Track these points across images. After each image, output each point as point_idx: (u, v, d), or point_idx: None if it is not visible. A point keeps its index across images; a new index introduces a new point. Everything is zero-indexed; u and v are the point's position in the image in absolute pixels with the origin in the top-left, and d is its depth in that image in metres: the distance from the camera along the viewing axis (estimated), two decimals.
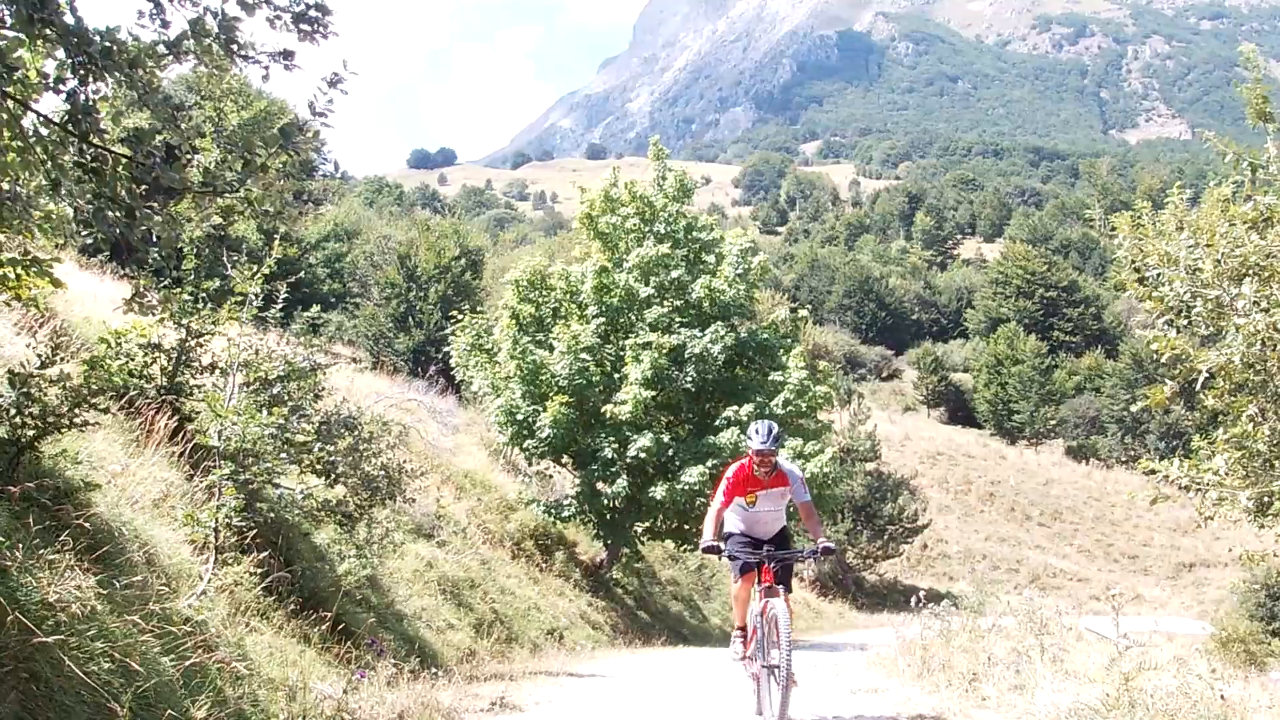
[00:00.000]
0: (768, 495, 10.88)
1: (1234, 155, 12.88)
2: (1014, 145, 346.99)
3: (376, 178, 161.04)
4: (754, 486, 10.81)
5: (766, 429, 10.63)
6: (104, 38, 5.33)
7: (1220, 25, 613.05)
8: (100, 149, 5.48)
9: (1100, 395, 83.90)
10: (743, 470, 10.80)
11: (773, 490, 10.85)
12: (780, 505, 11.09)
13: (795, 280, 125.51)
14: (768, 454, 10.57)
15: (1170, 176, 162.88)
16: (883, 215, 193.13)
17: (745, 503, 10.90)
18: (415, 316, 43.37)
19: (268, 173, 6.11)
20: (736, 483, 10.80)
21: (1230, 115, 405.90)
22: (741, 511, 10.99)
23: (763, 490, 10.81)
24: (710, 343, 21.44)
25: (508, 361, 21.63)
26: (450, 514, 18.91)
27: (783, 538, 11.20)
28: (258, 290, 10.21)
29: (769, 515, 11.05)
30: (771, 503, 10.97)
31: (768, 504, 10.95)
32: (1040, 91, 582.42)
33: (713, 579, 32.58)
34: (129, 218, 5.59)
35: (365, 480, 10.87)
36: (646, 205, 23.07)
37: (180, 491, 9.18)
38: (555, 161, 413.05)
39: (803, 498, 10.98)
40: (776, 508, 11.07)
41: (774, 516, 11.11)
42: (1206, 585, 54.14)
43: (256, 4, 5.64)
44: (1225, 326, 12.15)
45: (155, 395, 9.88)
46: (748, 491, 10.86)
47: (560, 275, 23.17)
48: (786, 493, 10.98)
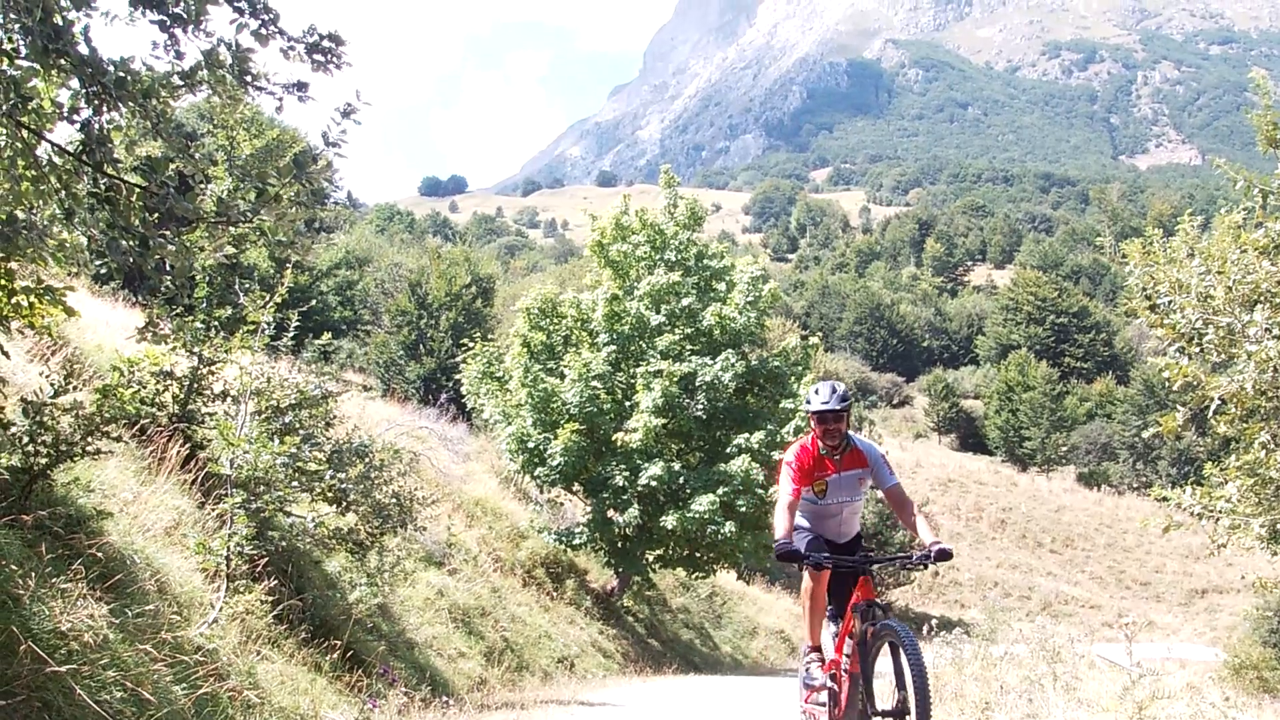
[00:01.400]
0: (841, 482, 8.87)
1: (1245, 182, 12.89)
2: (1024, 171, 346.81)
3: (388, 205, 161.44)
4: (822, 471, 8.81)
5: (830, 387, 8.75)
6: (118, 68, 5.35)
7: (1230, 50, 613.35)
8: (114, 179, 5.50)
9: (1111, 421, 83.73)
10: (806, 452, 8.82)
11: (847, 475, 8.84)
12: (858, 496, 9.06)
13: (806, 307, 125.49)
14: (834, 420, 8.64)
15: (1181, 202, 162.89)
16: (893, 242, 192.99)
17: (813, 494, 8.88)
18: (426, 344, 43.45)
19: (280, 202, 6.13)
20: (800, 470, 8.74)
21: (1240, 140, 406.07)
22: (810, 507, 9.05)
23: (834, 475, 8.82)
24: (721, 370, 21.43)
25: (519, 389, 21.63)
26: (461, 542, 18.89)
27: (857, 543, 9.35)
28: (269, 319, 10.23)
29: (844, 510, 9.08)
30: (847, 492, 8.93)
31: (842, 494, 8.93)
32: (1050, 117, 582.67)
33: (723, 606, 32.52)
34: (142, 247, 5.61)
35: (376, 508, 10.86)
36: (657, 233, 23.09)
37: (192, 519, 9.18)
38: (566, 189, 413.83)
39: (890, 481, 8.85)
40: (853, 498, 9.04)
41: (851, 511, 9.14)
42: (1219, 612, 53.93)
43: (270, 35, 5.67)
44: (1237, 353, 12.14)
45: (167, 423, 9.88)
46: (815, 479, 8.82)
47: (571, 303, 23.18)
48: (866, 476, 8.90)
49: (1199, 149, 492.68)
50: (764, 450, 21.19)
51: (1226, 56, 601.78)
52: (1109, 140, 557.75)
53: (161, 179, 5.60)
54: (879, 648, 7.98)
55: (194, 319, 9.72)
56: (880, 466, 8.94)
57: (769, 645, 32.83)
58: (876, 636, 7.99)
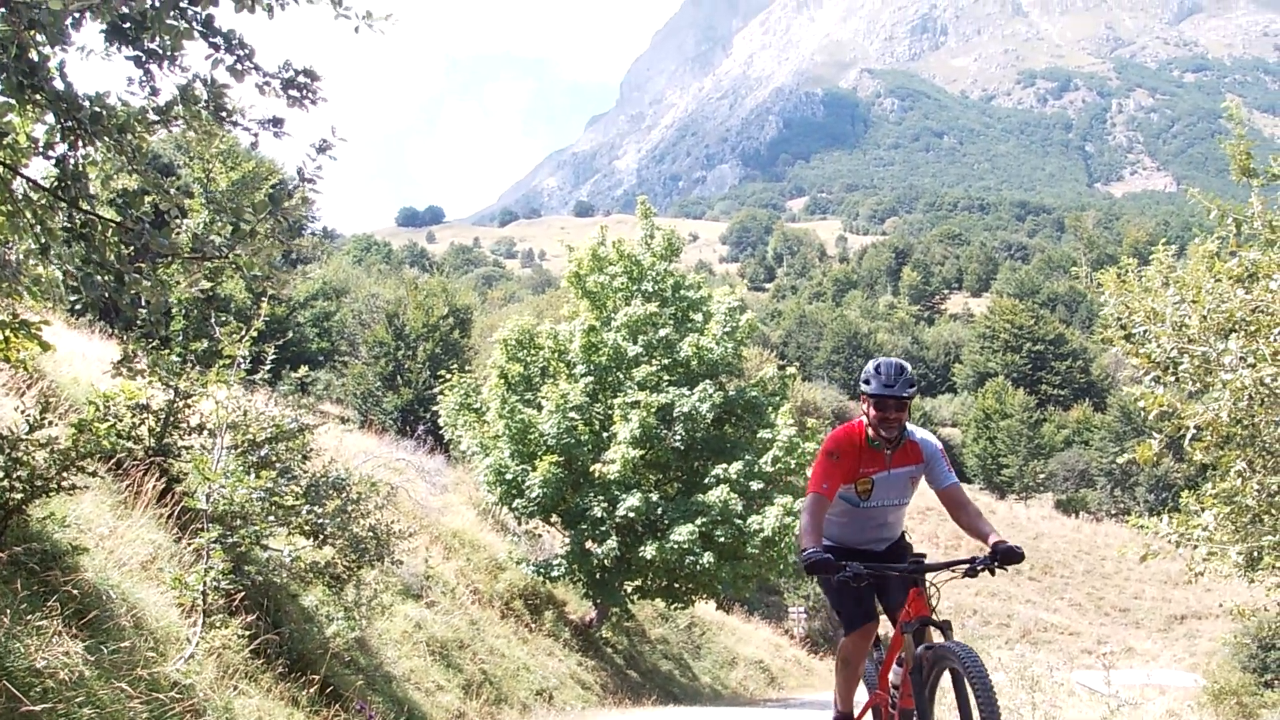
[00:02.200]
0: (890, 482, 7.62)
1: (1219, 211, 12.96)
2: (1000, 200, 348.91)
3: (365, 236, 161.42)
4: (870, 466, 7.54)
5: (895, 366, 7.43)
6: (94, 103, 5.36)
7: (1203, 78, 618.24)
8: (89, 214, 5.50)
9: (1089, 448, 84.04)
10: (850, 439, 7.59)
11: (898, 472, 7.62)
12: (907, 497, 7.82)
13: (783, 336, 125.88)
14: (897, 409, 7.37)
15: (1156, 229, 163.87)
16: (870, 271, 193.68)
17: (855, 494, 7.60)
18: (403, 375, 43.39)
19: (256, 238, 6.14)
20: (842, 463, 7.48)
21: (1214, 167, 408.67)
22: (847, 509, 7.74)
23: (883, 473, 7.57)
24: (699, 401, 21.43)
25: (496, 421, 21.61)
26: (439, 574, 18.83)
27: (901, 549, 8.08)
28: (245, 353, 10.22)
29: (890, 514, 7.88)
30: (896, 492, 7.70)
31: (889, 495, 7.69)
32: (1025, 146, 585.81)
33: (702, 637, 32.46)
34: (118, 282, 5.60)
35: (354, 541, 10.82)
36: (634, 264, 23.12)
37: (168, 553, 9.14)
38: (543, 219, 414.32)
39: (947, 480, 7.64)
40: (901, 500, 7.82)
41: (897, 516, 7.96)
42: (1198, 637, 54.07)
43: (246, 70, 5.68)
44: (1212, 382, 12.18)
45: (143, 456, 9.84)
46: (859, 475, 7.54)
47: (548, 334, 23.18)
48: (919, 475, 7.74)
49: (1174, 176, 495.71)
50: (742, 481, 21.20)
51: (1200, 84, 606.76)
52: (1084, 168, 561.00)
53: (137, 214, 5.60)
54: (937, 676, 6.99)
55: (170, 352, 9.69)
56: (938, 463, 7.70)
57: (748, 675, 32.78)
58: (935, 662, 6.89)
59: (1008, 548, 7.04)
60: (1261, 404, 11.83)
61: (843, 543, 7.90)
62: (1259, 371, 11.41)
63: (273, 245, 6.21)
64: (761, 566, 21.64)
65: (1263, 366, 11.39)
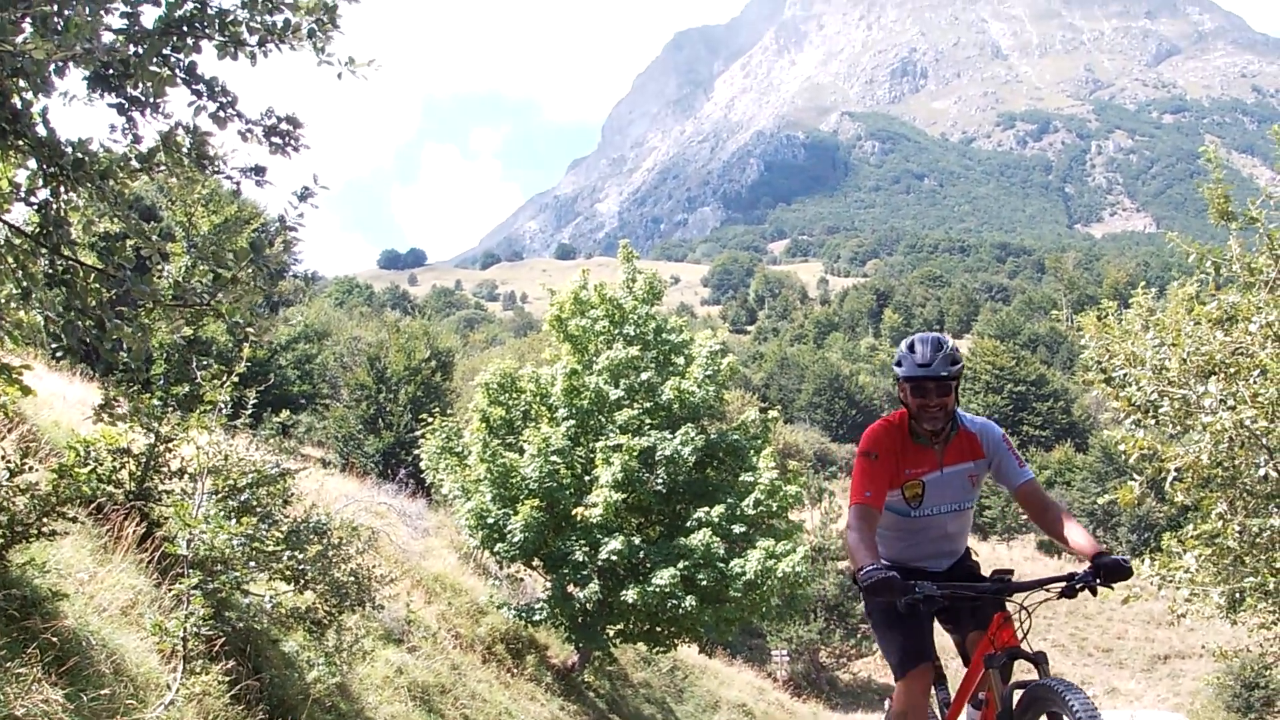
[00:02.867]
0: (945, 482, 6.47)
1: (1198, 255, 13.06)
2: (980, 241, 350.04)
3: (347, 278, 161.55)
4: (917, 466, 6.40)
5: (933, 341, 6.39)
6: (76, 149, 5.38)
7: (1182, 119, 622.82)
8: (70, 260, 5.51)
9: (1071, 489, 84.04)
10: (890, 434, 6.47)
11: (954, 470, 6.47)
12: (969, 500, 6.64)
13: (765, 379, 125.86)
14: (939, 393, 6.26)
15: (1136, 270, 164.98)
16: (851, 313, 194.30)
17: (904, 501, 6.45)
18: (385, 418, 43.31)
19: (237, 284, 6.16)
20: (884, 464, 6.35)
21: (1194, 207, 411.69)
22: (896, 522, 6.56)
23: (933, 474, 6.43)
24: (681, 445, 21.41)
25: (478, 464, 21.56)
26: (421, 619, 18.76)
27: (968, 567, 6.88)
28: (226, 398, 10.21)
29: (951, 523, 6.65)
30: (953, 496, 6.53)
31: (946, 499, 6.51)
32: (1005, 187, 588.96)
33: (685, 680, 32.34)
34: (99, 328, 5.61)
35: (334, 587, 10.79)
36: (616, 308, 23.13)
37: (149, 598, 9.11)
38: (525, 262, 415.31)
39: (1022, 476, 6.53)
40: (962, 504, 6.63)
41: (959, 524, 6.72)
42: (1182, 677, 54.03)
43: (228, 117, 5.71)
44: (1192, 424, 12.25)
45: (123, 500, 9.82)
46: (906, 477, 6.40)
47: (530, 378, 23.16)
48: (981, 472, 6.58)
49: (1153, 216, 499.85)
50: (724, 524, 21.17)
51: (1179, 125, 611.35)
52: (1064, 209, 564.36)
53: (119, 260, 5.62)
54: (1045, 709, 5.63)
55: (151, 396, 9.68)
56: (1005, 455, 6.51)
57: (731, 719, 32.66)
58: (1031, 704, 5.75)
59: (1113, 561, 5.92)
60: (1241, 446, 11.90)
61: (897, 563, 6.47)
62: (1239, 414, 11.48)
63: (254, 292, 6.23)
64: (744, 609, 21.58)
65: (1242, 409, 11.47)
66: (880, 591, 5.67)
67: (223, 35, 5.78)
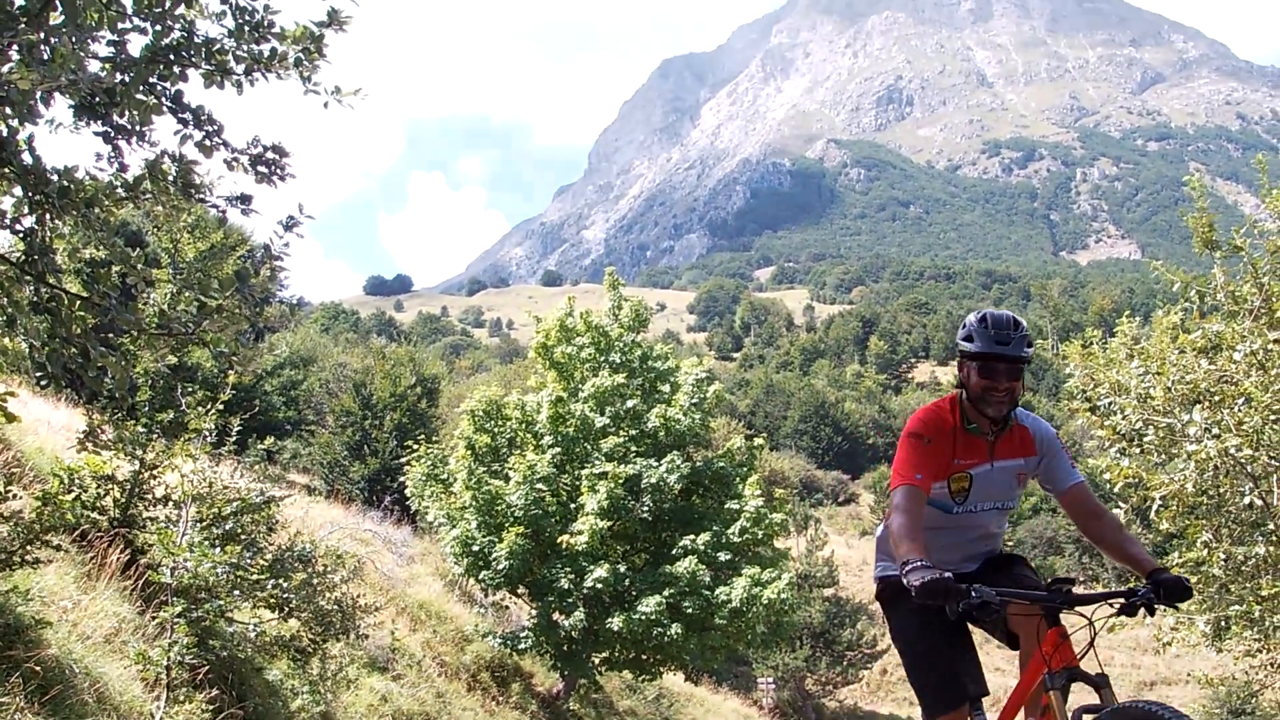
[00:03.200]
0: (993, 478, 5.95)
1: (1181, 284, 13.10)
2: (966, 268, 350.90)
3: (333, 304, 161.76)
4: (967, 457, 5.88)
5: (1007, 318, 5.82)
6: (62, 176, 5.37)
7: (1167, 146, 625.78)
8: (56, 289, 5.51)
9: (1057, 515, 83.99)
10: (942, 419, 5.95)
11: (1004, 465, 5.95)
12: (1013, 500, 6.10)
13: (751, 406, 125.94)
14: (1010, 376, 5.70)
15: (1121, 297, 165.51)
16: (837, 340, 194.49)
17: (949, 495, 5.92)
18: (371, 445, 43.21)
19: (222, 314, 6.15)
20: (935, 450, 5.80)
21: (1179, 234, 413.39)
22: (936, 517, 5.96)
23: (983, 465, 5.90)
24: (666, 472, 21.39)
25: (463, 492, 21.52)
26: (405, 646, 18.70)
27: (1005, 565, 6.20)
28: (211, 426, 10.19)
29: (994, 522, 6.17)
30: (999, 494, 6.01)
31: (991, 497, 6.00)
32: (991, 215, 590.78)
33: (671, 709, 32.26)
34: (83, 356, 5.60)
35: (319, 615, 10.76)
36: (602, 335, 23.13)
37: (132, 626, 9.07)
38: (511, 288, 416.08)
39: (1071, 478, 5.97)
40: (1006, 504, 6.11)
41: (1000, 525, 6.23)
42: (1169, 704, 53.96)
43: (215, 146, 5.71)
44: (1177, 453, 12.27)
45: (108, 527, 9.79)
46: (954, 468, 5.88)
47: (516, 405, 23.14)
48: (1030, 471, 6.05)
49: (1138, 243, 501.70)
50: (709, 551, 21.14)
51: (1164, 152, 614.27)
52: (1049, 236, 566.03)
53: (104, 289, 5.61)
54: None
55: (136, 423, 9.66)
56: (1058, 456, 6.00)
57: None
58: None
59: (1175, 579, 5.31)
60: (1226, 474, 11.92)
61: None
62: (1223, 442, 11.50)
63: (239, 320, 6.23)
64: (730, 637, 21.54)
65: (1227, 437, 11.49)
66: (933, 595, 4.90)
67: (209, 64, 5.78)
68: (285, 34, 5.84)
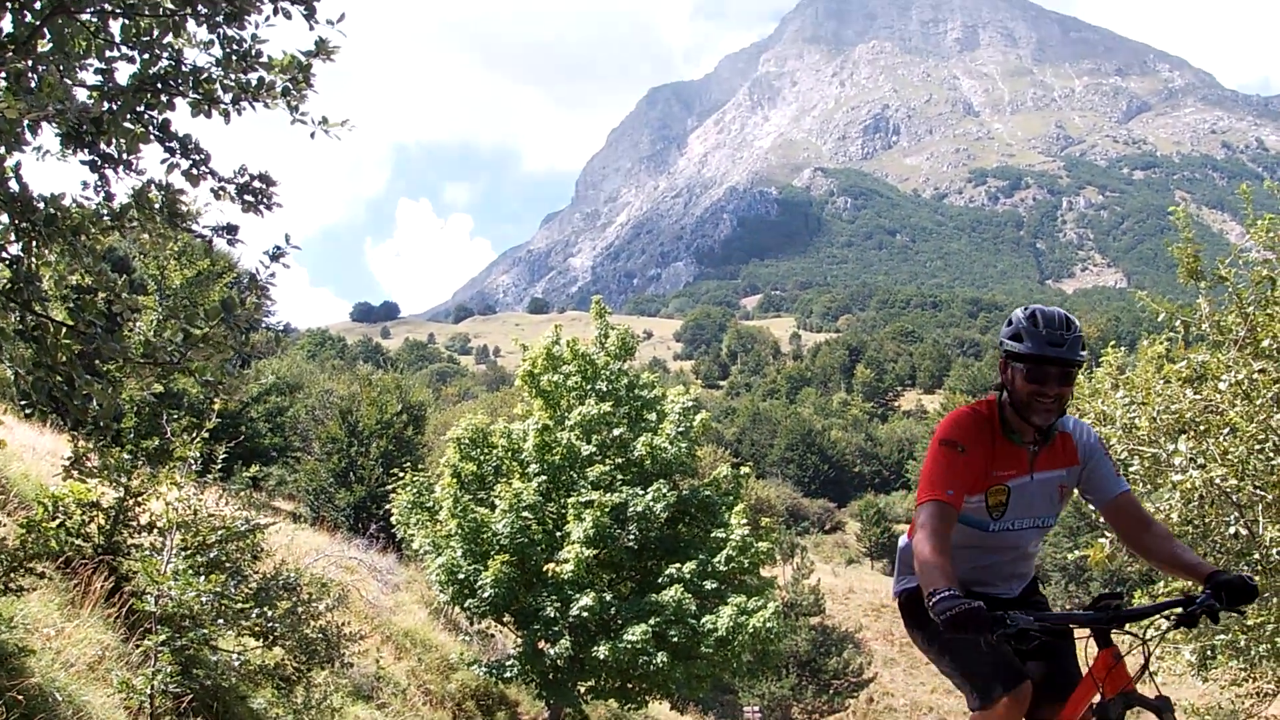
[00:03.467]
0: (1034, 490, 5.44)
1: (1166, 314, 13.15)
2: (952, 297, 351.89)
3: (319, 330, 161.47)
4: (1005, 468, 5.36)
5: (1060, 316, 5.26)
6: (48, 205, 5.37)
7: (1153, 175, 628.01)
8: (41, 317, 5.50)
9: (1044, 544, 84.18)
10: (978, 425, 5.39)
11: (1045, 477, 5.45)
12: (1053, 516, 5.62)
13: (737, 434, 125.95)
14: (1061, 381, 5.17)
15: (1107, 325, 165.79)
16: (823, 368, 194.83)
17: (985, 510, 5.40)
18: (356, 472, 43.09)
19: (208, 343, 6.15)
20: (971, 459, 5.24)
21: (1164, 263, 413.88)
22: (969, 536, 5.44)
23: (1022, 478, 5.39)
24: (652, 501, 21.36)
25: (449, 519, 21.48)
26: (390, 675, 18.66)
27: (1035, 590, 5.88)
28: (197, 455, 10.17)
29: (1032, 541, 5.69)
30: (1040, 507, 5.51)
31: (1032, 510, 5.49)
32: (977, 243, 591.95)
33: None
34: (68, 384, 5.60)
35: (304, 643, 10.73)
36: (588, 363, 23.13)
37: (116, 654, 9.04)
38: (498, 316, 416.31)
39: (1119, 486, 5.51)
40: (1046, 520, 5.61)
41: (1036, 545, 5.74)
42: None
43: (201, 175, 5.72)
44: (1163, 483, 12.29)
45: (92, 554, 9.76)
46: (991, 480, 5.34)
47: (502, 433, 23.12)
48: (1072, 482, 5.57)
49: (1124, 272, 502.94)
50: (695, 580, 21.12)
51: (1150, 181, 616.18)
52: (1035, 265, 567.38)
53: (89, 318, 5.61)
54: None
55: (121, 450, 9.64)
56: (1102, 463, 5.49)
57: None
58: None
59: (1236, 579, 4.79)
60: (1212, 504, 11.94)
61: (964, 585, 5.24)
62: (1209, 472, 11.52)
63: (225, 350, 6.22)
64: (715, 666, 21.49)
65: (1212, 467, 11.50)
66: (963, 627, 4.52)
67: (197, 93, 5.80)
68: (273, 63, 5.86)
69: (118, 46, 5.60)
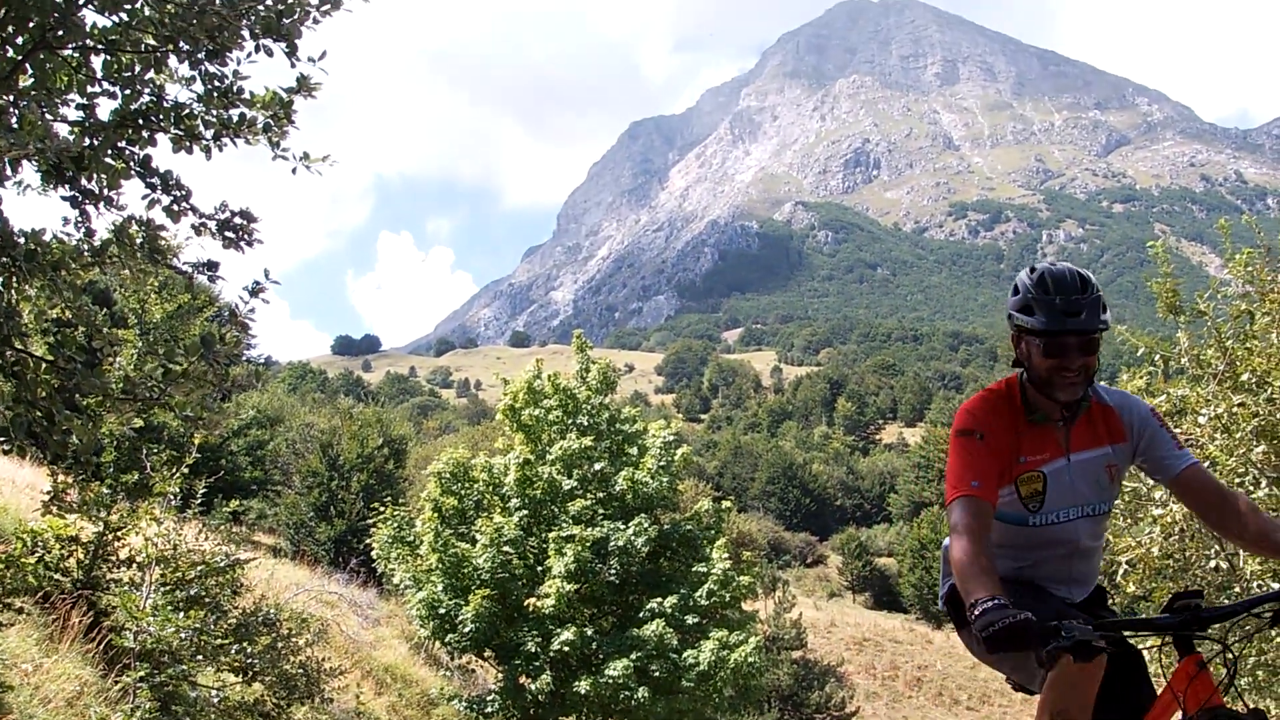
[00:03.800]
0: (1076, 473, 4.73)
1: (1146, 348, 13.18)
2: (933, 330, 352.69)
3: (300, 363, 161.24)
4: (1036, 451, 4.69)
5: (1074, 277, 4.57)
6: (29, 240, 5.37)
7: (1132, 208, 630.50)
8: (21, 353, 5.49)
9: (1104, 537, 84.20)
10: (997, 407, 4.76)
11: (1086, 457, 4.75)
12: (1106, 499, 4.84)
13: (719, 467, 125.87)
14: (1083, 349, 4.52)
15: None
16: (804, 401, 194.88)
17: (1019, 502, 4.70)
18: (337, 506, 42.96)
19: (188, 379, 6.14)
20: (992, 445, 4.59)
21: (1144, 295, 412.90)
22: (1008, 533, 4.78)
23: (1058, 460, 4.71)
24: (634, 535, 21.34)
25: (429, 554, 21.43)
26: (370, 710, 18.57)
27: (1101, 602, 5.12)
28: (177, 489, 10.14)
29: (1085, 534, 4.87)
30: (1087, 492, 4.75)
31: (1076, 496, 4.73)
32: (958, 277, 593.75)
33: None
34: (48, 420, 5.58)
35: (283, 679, 10.68)
36: (569, 398, 23.13)
37: (95, 690, 9.00)
38: (479, 349, 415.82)
39: (1185, 459, 4.66)
40: (1098, 508, 4.84)
41: (1093, 535, 4.91)
42: None
43: (182, 211, 5.72)
44: (1143, 516, 12.30)
45: (71, 589, 9.72)
46: (1020, 468, 4.68)
47: (483, 467, 23.09)
48: (1123, 460, 4.82)
49: None
50: (677, 614, 21.08)
51: (1129, 214, 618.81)
52: None
53: (69, 353, 5.60)
54: None
55: (100, 484, 9.61)
56: (1157, 432, 4.73)
57: None
58: None
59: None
60: (1192, 538, 11.95)
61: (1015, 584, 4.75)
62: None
63: (205, 385, 6.21)
64: (697, 701, 21.43)
65: None
66: (1009, 643, 3.80)
67: (178, 129, 5.81)
68: (254, 99, 5.87)
69: (99, 82, 5.61)
